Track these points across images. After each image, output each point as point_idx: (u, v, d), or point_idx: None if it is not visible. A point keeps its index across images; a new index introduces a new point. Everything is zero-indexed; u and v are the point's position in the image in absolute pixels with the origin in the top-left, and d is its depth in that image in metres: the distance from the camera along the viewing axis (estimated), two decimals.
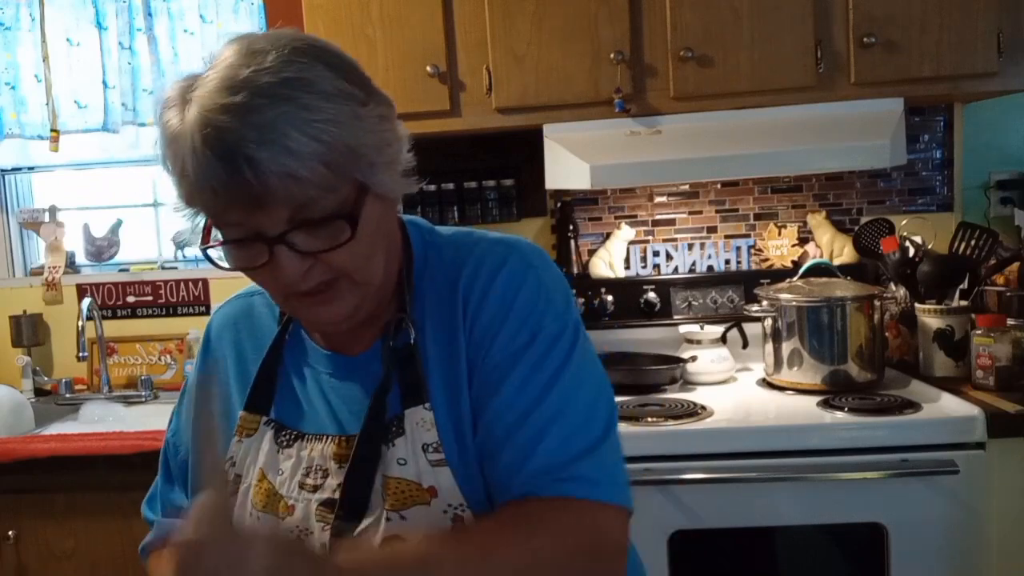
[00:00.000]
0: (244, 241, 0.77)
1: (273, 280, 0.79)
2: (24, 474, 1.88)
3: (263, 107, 0.72)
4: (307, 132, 0.72)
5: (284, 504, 0.87)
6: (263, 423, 0.92)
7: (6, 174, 2.75)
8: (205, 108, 0.72)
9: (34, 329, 2.62)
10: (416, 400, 0.85)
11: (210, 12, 2.44)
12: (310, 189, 0.73)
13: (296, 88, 0.73)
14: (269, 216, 0.75)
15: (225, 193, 0.73)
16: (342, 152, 0.74)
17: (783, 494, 1.69)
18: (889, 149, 1.96)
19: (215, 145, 0.71)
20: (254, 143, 0.71)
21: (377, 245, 0.82)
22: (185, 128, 0.73)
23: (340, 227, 0.76)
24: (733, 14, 2.03)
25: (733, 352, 2.17)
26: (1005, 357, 1.86)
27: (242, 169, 0.71)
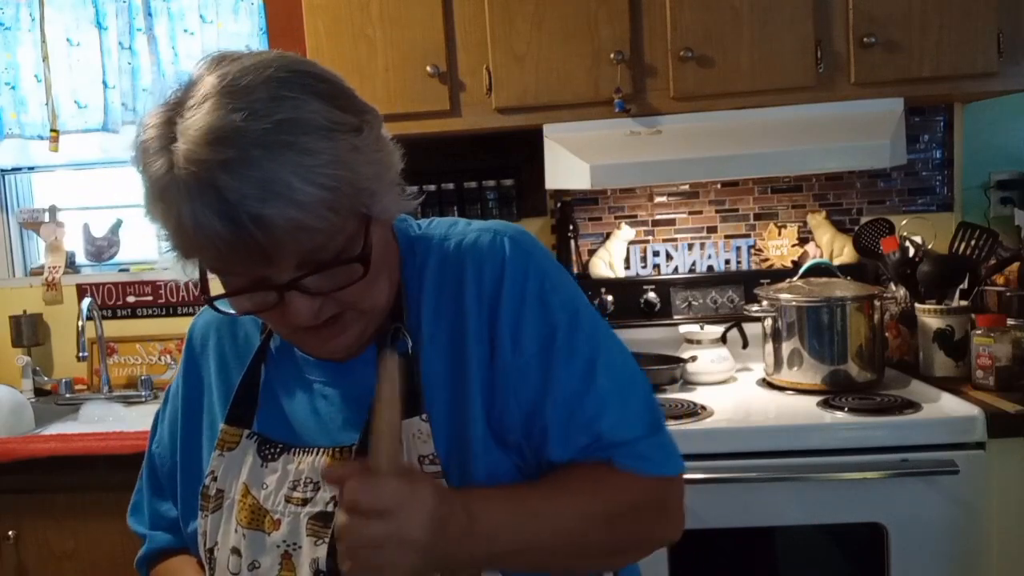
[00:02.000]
0: (251, 290, 0.75)
1: (282, 319, 0.78)
2: (24, 474, 1.88)
3: (261, 160, 0.67)
4: (311, 180, 0.68)
5: (270, 519, 0.84)
6: (245, 436, 0.89)
7: (6, 174, 2.75)
8: (198, 163, 0.68)
9: (34, 329, 2.62)
10: (413, 411, 0.82)
11: (210, 12, 2.44)
12: (319, 236, 0.71)
13: (292, 132, 0.69)
14: (278, 266, 0.72)
15: (230, 251, 0.70)
16: (346, 192, 0.71)
17: (783, 494, 1.69)
18: (889, 149, 1.96)
19: (215, 205, 0.67)
20: (258, 200, 0.67)
21: (381, 270, 0.81)
22: (177, 181, 0.69)
23: (349, 273, 0.75)
24: (733, 14, 2.03)
25: (733, 352, 2.17)
26: (1005, 357, 1.86)
27: (247, 227, 0.68)
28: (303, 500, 0.84)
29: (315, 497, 0.83)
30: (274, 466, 0.86)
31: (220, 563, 0.87)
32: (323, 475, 0.78)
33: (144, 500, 1.03)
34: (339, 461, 0.84)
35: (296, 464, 0.86)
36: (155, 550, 1.00)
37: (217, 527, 0.88)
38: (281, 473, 0.86)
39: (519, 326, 0.83)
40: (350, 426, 0.86)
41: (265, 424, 0.90)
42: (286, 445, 0.87)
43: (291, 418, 0.89)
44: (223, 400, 0.92)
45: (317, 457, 0.85)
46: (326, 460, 0.85)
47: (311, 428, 0.88)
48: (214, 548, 0.88)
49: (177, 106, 0.72)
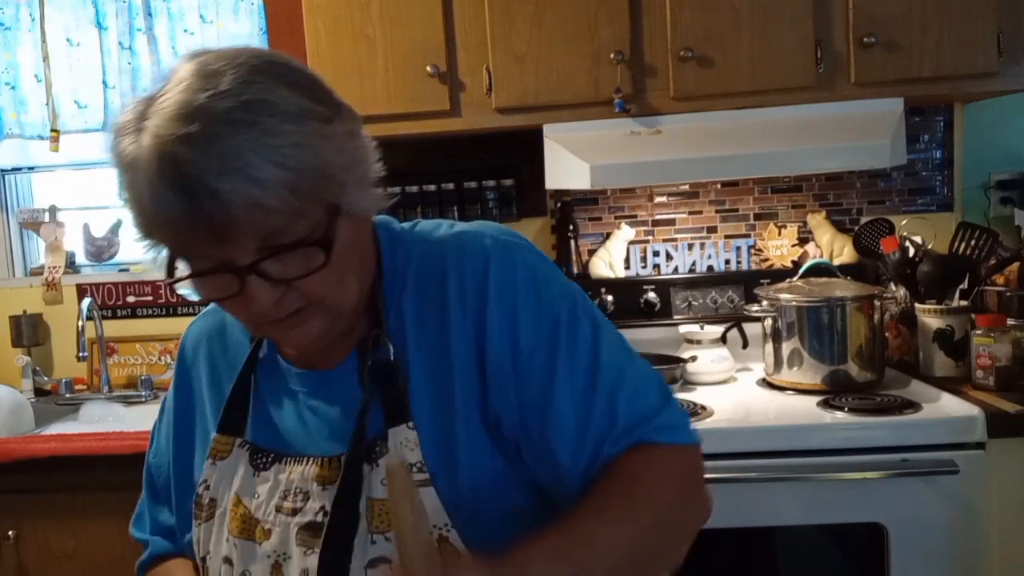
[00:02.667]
0: (213, 271, 0.73)
1: (244, 309, 0.76)
2: (24, 474, 1.88)
3: (223, 135, 0.67)
4: (271, 158, 0.68)
5: (261, 529, 0.84)
6: (237, 445, 0.88)
7: (6, 174, 2.75)
8: (161, 138, 0.68)
9: (34, 329, 2.62)
10: (399, 419, 0.81)
11: (210, 12, 2.44)
12: (278, 217, 0.70)
13: (257, 112, 0.69)
14: (237, 247, 0.71)
15: (187, 227, 0.69)
16: (310, 176, 0.70)
17: (783, 494, 1.69)
18: (889, 149, 1.96)
19: (173, 178, 0.67)
20: (216, 174, 0.67)
21: (349, 266, 0.78)
22: (140, 159, 0.69)
23: (313, 253, 0.73)
24: (733, 14, 2.03)
25: (733, 352, 2.17)
26: (1005, 357, 1.86)
27: (204, 202, 0.67)
28: (293, 510, 0.83)
29: (304, 507, 0.83)
30: (266, 475, 0.86)
31: (212, 572, 0.87)
32: None
33: (145, 510, 1.03)
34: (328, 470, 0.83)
35: (287, 473, 0.85)
36: (155, 555, 1.00)
37: (209, 536, 0.88)
38: (272, 483, 0.85)
39: (515, 320, 0.81)
40: (336, 436, 0.85)
41: (256, 433, 0.89)
42: (278, 454, 0.87)
43: (280, 427, 0.88)
44: (215, 409, 0.92)
45: (307, 467, 0.84)
46: (315, 470, 0.84)
47: (300, 438, 0.87)
48: (206, 557, 0.88)
49: (154, 95, 0.72)
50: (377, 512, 0.80)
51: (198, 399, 0.96)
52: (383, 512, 0.79)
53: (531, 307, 0.82)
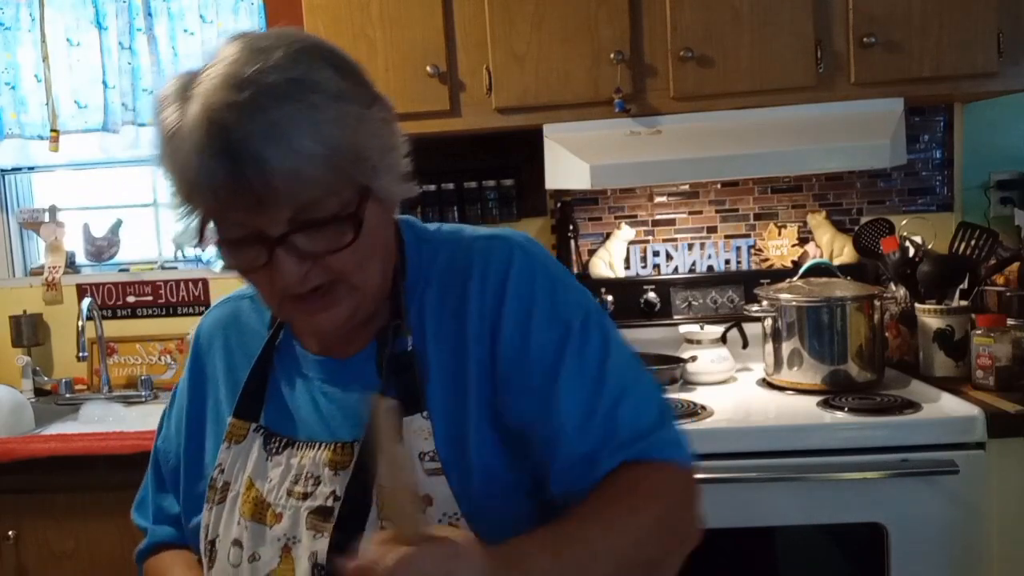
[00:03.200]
0: (243, 242, 0.76)
1: (269, 283, 0.78)
2: (24, 474, 1.88)
3: (269, 106, 0.71)
4: (313, 133, 0.71)
5: (272, 513, 0.85)
6: (252, 430, 0.90)
7: (6, 174, 2.75)
8: (209, 105, 0.71)
9: (34, 329, 2.62)
10: (413, 408, 0.83)
11: (210, 12, 2.44)
12: (314, 190, 0.72)
13: (303, 88, 0.72)
14: (271, 217, 0.73)
15: (227, 192, 0.71)
16: (347, 154, 0.73)
17: (783, 494, 1.69)
18: (889, 149, 1.96)
19: (219, 143, 0.70)
20: (260, 141, 0.70)
21: (376, 249, 0.81)
22: (186, 125, 0.72)
23: (343, 229, 0.75)
24: (733, 14, 2.03)
25: (733, 352, 2.17)
26: (1005, 357, 1.86)
27: (247, 168, 0.70)
28: (304, 494, 0.84)
29: (315, 491, 0.84)
30: (278, 459, 0.87)
31: (221, 555, 0.87)
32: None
33: (148, 495, 1.04)
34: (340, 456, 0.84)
35: (299, 458, 0.86)
36: (154, 544, 1.01)
37: (220, 519, 0.88)
38: (284, 467, 0.87)
39: (528, 325, 0.83)
40: (349, 422, 0.86)
41: (271, 418, 0.90)
42: (290, 439, 0.88)
43: (294, 413, 0.90)
44: (231, 395, 0.94)
45: (318, 451, 0.86)
46: (327, 455, 0.85)
47: (313, 424, 0.88)
48: (215, 540, 0.88)
49: (199, 70, 0.75)
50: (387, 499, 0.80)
51: (211, 387, 0.97)
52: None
53: (546, 311, 0.84)
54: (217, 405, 0.95)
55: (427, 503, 0.81)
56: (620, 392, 0.83)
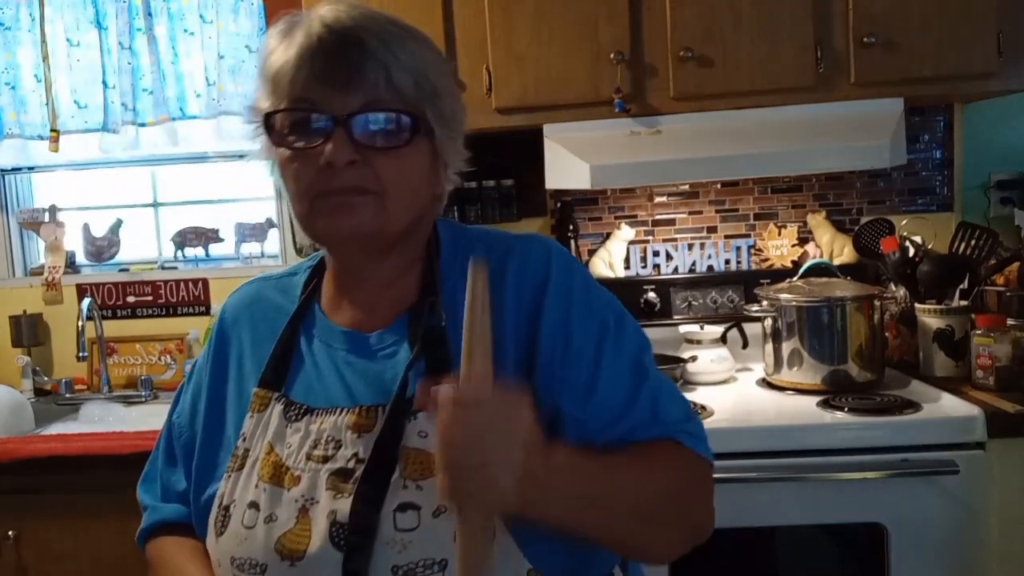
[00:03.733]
0: (306, 123, 0.84)
1: (313, 169, 0.83)
2: (24, 474, 1.88)
3: (383, 23, 0.85)
4: (414, 55, 0.85)
5: (291, 476, 0.87)
6: (274, 399, 0.92)
7: (6, 174, 2.75)
8: (332, 7, 0.84)
9: (34, 329, 2.62)
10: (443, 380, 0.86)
11: (210, 12, 2.44)
12: (392, 91, 0.83)
13: (411, 31, 0.87)
14: (345, 102, 0.82)
15: (324, 68, 0.82)
16: (431, 89, 0.85)
17: (783, 494, 1.69)
18: (889, 149, 1.96)
19: (337, 27, 0.82)
20: (371, 36, 0.82)
21: (418, 183, 0.88)
22: (306, 18, 0.85)
23: (400, 131, 0.84)
24: (733, 14, 2.03)
25: (733, 352, 2.17)
26: (1005, 357, 1.86)
27: (351, 49, 0.82)
28: (324, 457, 0.86)
29: (336, 454, 0.86)
30: (297, 426, 0.89)
31: (235, 518, 0.88)
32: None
33: (157, 471, 1.04)
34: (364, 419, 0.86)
35: (318, 424, 0.88)
36: (158, 522, 1.01)
37: (236, 485, 0.90)
38: (304, 432, 0.88)
39: (568, 316, 0.89)
40: (372, 389, 0.89)
41: (292, 387, 0.93)
42: (309, 406, 0.90)
43: (316, 382, 0.92)
44: (256, 369, 0.96)
45: (340, 416, 0.88)
46: (351, 418, 0.87)
47: (335, 391, 0.91)
48: (230, 506, 0.89)
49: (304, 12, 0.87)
50: (412, 461, 0.83)
51: (234, 363, 0.99)
52: (417, 461, 0.83)
53: (583, 308, 0.90)
54: (241, 380, 0.97)
55: None
56: (658, 385, 0.90)
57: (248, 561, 0.85)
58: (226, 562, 0.87)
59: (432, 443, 0.82)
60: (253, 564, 0.84)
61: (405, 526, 0.80)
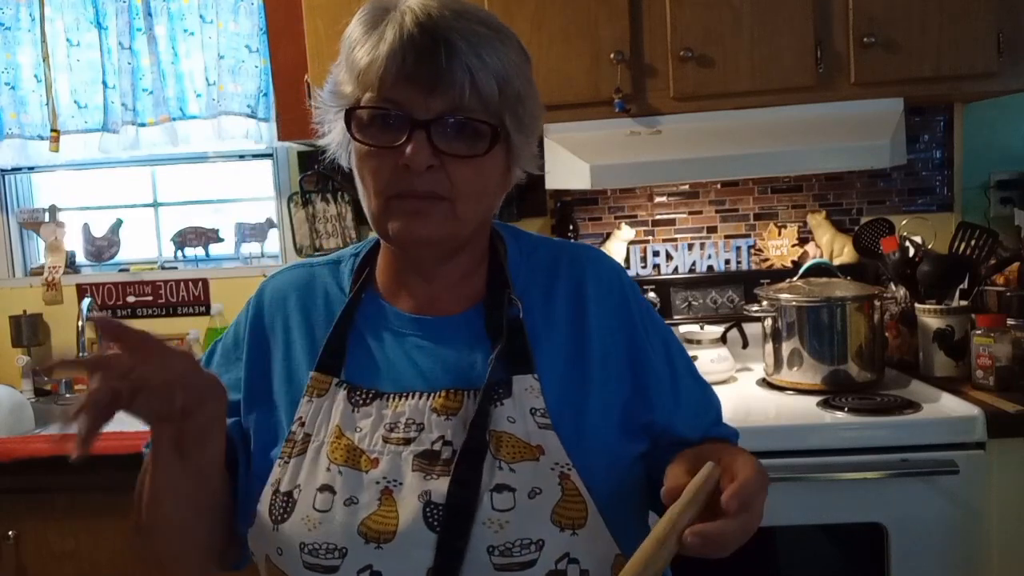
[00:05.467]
0: (389, 119, 0.84)
1: (391, 170, 0.84)
2: (24, 474, 1.88)
3: (472, 24, 0.84)
4: (503, 60, 0.85)
5: (367, 458, 0.86)
6: (334, 384, 0.91)
7: (6, 174, 2.75)
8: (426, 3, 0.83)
9: (34, 329, 2.62)
10: (525, 369, 0.89)
11: (210, 12, 2.44)
12: (476, 97, 0.83)
13: (503, 32, 0.88)
14: (429, 105, 0.83)
15: (412, 68, 0.81)
16: (513, 94, 0.86)
17: (783, 494, 1.69)
18: (889, 149, 1.96)
19: (427, 25, 0.82)
20: (460, 38, 0.82)
21: (490, 188, 0.90)
22: (398, 10, 0.83)
23: (479, 140, 0.85)
24: (733, 14, 2.03)
25: (733, 352, 2.17)
26: (1005, 357, 1.86)
27: (440, 52, 0.81)
28: (405, 440, 0.86)
29: (420, 437, 0.86)
30: (367, 411, 0.89)
31: (303, 503, 0.86)
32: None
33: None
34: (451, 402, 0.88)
35: (392, 408, 0.89)
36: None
37: (300, 469, 0.88)
38: (376, 417, 0.88)
39: (648, 327, 0.97)
40: (450, 375, 0.90)
41: (353, 373, 0.92)
42: (377, 391, 0.90)
43: (383, 367, 0.92)
44: (309, 352, 0.95)
45: (421, 400, 0.89)
46: (437, 401, 0.88)
47: (408, 376, 0.91)
48: (293, 491, 0.87)
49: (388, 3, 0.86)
50: (504, 443, 0.85)
51: (279, 346, 0.97)
52: (507, 444, 0.85)
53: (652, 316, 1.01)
54: (288, 362, 0.95)
55: (540, 452, 0.86)
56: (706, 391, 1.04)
57: (324, 546, 0.83)
58: (292, 549, 0.85)
59: (519, 428, 0.86)
60: (331, 548, 0.83)
61: (501, 506, 0.82)
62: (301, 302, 0.99)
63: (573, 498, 0.84)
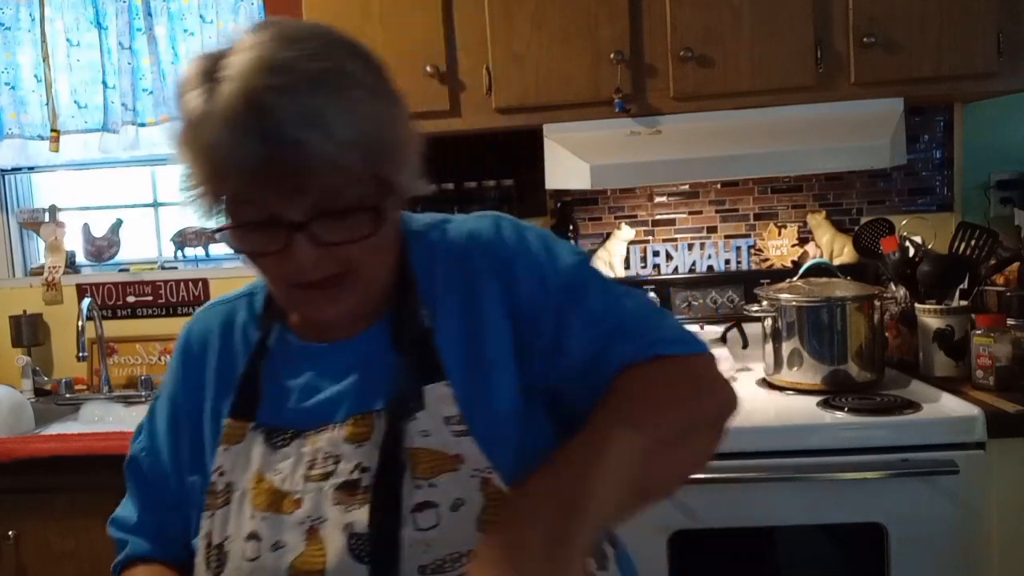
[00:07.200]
0: (260, 225, 0.77)
1: (280, 268, 0.79)
2: (24, 474, 1.89)
3: (309, 92, 0.72)
4: (350, 122, 0.73)
5: (289, 500, 0.84)
6: (251, 429, 0.89)
7: (6, 174, 2.75)
8: (248, 86, 0.72)
9: (34, 329, 2.62)
10: (434, 377, 0.85)
11: (210, 12, 2.44)
12: (342, 179, 0.74)
13: (341, 78, 0.75)
14: (295, 202, 0.75)
15: (259, 174, 0.72)
16: (377, 147, 0.76)
17: (783, 494, 1.69)
18: (889, 149, 1.96)
19: (259, 124, 0.71)
20: (300, 125, 0.71)
21: (388, 245, 0.84)
22: (219, 105, 0.72)
23: (363, 221, 0.78)
24: (733, 14, 2.03)
25: (733, 352, 2.17)
26: (1005, 357, 1.86)
27: (284, 151, 0.71)
28: (324, 475, 0.84)
29: (337, 469, 0.84)
30: (285, 452, 0.86)
31: (233, 554, 0.85)
32: None
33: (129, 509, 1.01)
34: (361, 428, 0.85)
35: (310, 445, 0.86)
36: (133, 557, 0.98)
37: (226, 520, 0.87)
38: (295, 457, 0.86)
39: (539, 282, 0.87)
40: (361, 397, 0.86)
41: (270, 415, 0.89)
42: (296, 431, 0.87)
43: (297, 405, 0.89)
44: (224, 398, 0.93)
45: (334, 432, 0.85)
46: (346, 431, 0.85)
47: (320, 410, 0.88)
48: (223, 542, 0.87)
49: (221, 53, 0.76)
50: (420, 460, 0.82)
51: (208, 390, 0.95)
52: (424, 460, 0.82)
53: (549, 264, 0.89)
54: (216, 408, 0.93)
55: (458, 461, 0.82)
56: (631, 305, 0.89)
57: None
58: None
59: (436, 440, 0.82)
60: None
61: (425, 525, 0.80)
62: (222, 344, 0.96)
63: (497, 502, 0.81)
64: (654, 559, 1.69)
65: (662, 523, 1.70)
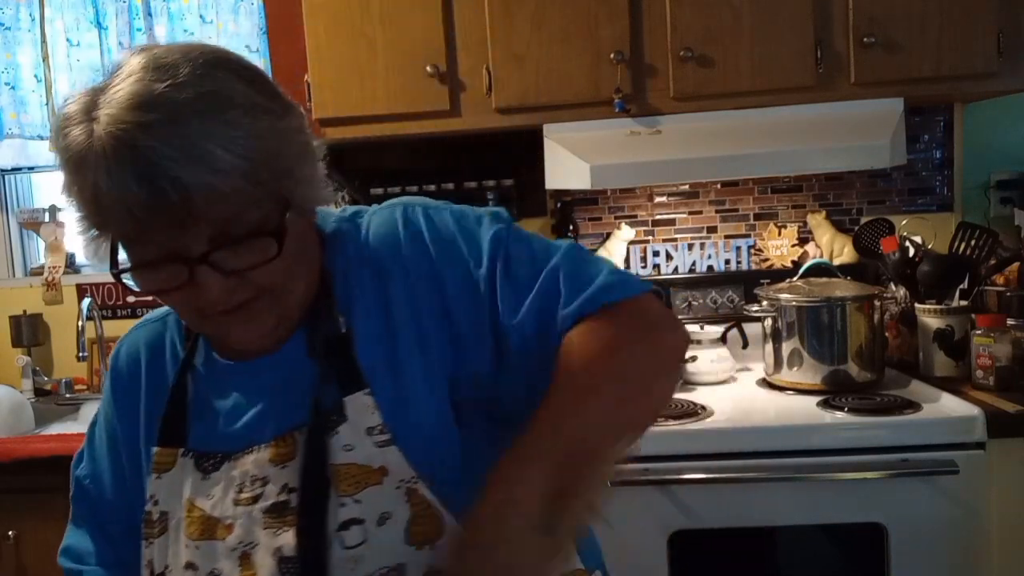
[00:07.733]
0: (161, 262, 0.74)
1: (189, 301, 0.77)
2: (24, 474, 1.89)
3: (183, 124, 0.69)
4: (230, 148, 0.70)
5: (222, 526, 0.84)
6: (180, 455, 0.87)
7: (6, 174, 2.75)
8: (119, 126, 0.69)
9: (34, 329, 2.62)
10: (355, 387, 0.82)
11: (210, 12, 2.44)
12: (233, 207, 0.72)
13: (216, 103, 0.71)
14: (191, 236, 0.72)
15: (144, 215, 0.70)
16: (264, 167, 0.73)
17: (783, 494, 1.69)
18: (889, 149, 1.96)
19: (134, 165, 0.68)
20: (176, 162, 0.68)
21: (300, 259, 0.81)
22: (95, 147, 0.69)
23: (266, 244, 0.75)
24: (733, 14, 2.03)
25: (733, 352, 2.17)
26: (1005, 357, 1.86)
27: (165, 190, 0.68)
28: (253, 498, 0.83)
29: (264, 491, 0.82)
30: (216, 476, 0.85)
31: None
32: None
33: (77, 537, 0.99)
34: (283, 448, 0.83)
35: (239, 468, 0.84)
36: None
37: (165, 550, 0.86)
38: (225, 481, 0.84)
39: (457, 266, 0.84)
40: (283, 416, 0.84)
41: (200, 440, 0.88)
42: (225, 454, 0.86)
43: (225, 428, 0.87)
44: (154, 422, 0.90)
45: (259, 454, 0.84)
46: (269, 453, 0.83)
47: (247, 432, 0.86)
48: (164, 572, 0.86)
49: (102, 87, 0.73)
50: (343, 477, 0.80)
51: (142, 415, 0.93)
52: (348, 476, 0.80)
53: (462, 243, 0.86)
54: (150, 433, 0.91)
55: (382, 474, 0.80)
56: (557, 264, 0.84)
57: None
58: None
59: (359, 454, 0.80)
60: None
61: (352, 543, 0.79)
62: (151, 365, 0.94)
63: (424, 512, 0.80)
64: (654, 559, 1.69)
65: (662, 523, 1.70)
